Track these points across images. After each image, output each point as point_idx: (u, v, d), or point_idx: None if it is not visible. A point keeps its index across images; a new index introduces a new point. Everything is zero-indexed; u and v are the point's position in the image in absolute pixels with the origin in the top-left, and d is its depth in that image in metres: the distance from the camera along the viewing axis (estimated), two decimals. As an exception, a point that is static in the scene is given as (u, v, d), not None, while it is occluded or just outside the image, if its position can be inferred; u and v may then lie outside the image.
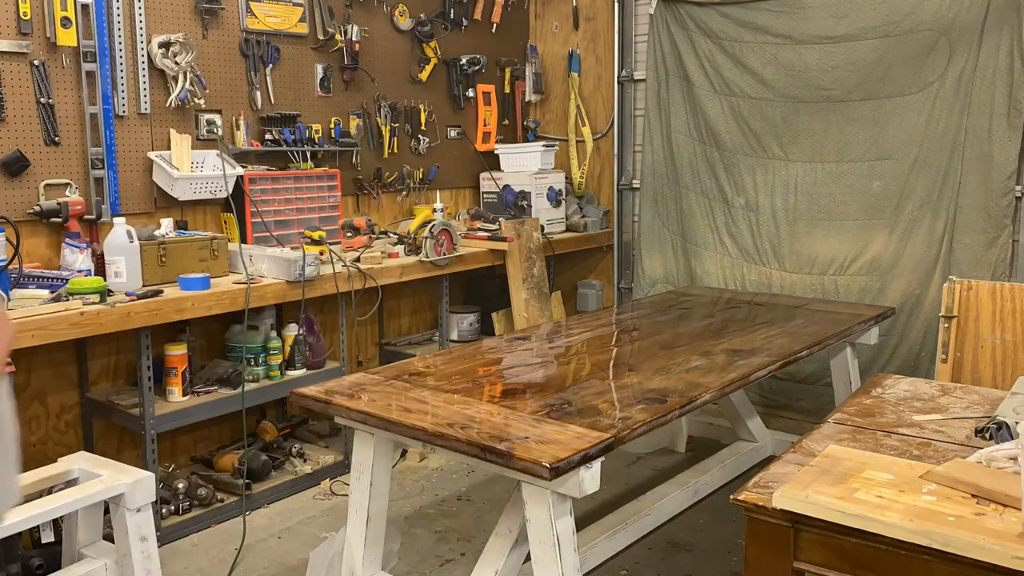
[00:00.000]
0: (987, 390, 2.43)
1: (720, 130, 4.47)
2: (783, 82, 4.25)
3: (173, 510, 3.31)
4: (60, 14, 3.15)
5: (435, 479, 3.80)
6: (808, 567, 1.65)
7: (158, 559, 2.52)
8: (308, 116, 4.06)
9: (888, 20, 3.97)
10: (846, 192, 4.16)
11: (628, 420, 2.18)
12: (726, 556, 3.10)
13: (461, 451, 2.09)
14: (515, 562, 2.33)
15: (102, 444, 3.43)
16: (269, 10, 3.85)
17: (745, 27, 4.32)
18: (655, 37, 4.62)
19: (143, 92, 3.44)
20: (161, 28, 3.49)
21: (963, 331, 3.01)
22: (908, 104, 3.98)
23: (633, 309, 3.90)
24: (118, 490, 2.41)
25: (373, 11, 4.34)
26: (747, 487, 1.76)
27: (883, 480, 1.67)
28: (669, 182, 4.67)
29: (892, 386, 2.46)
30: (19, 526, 2.35)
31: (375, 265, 3.74)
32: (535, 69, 5.20)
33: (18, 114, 3.11)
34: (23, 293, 2.86)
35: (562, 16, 5.15)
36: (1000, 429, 1.98)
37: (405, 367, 2.72)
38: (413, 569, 3.03)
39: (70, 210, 3.16)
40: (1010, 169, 3.76)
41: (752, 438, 3.86)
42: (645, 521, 3.06)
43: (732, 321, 3.47)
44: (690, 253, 4.65)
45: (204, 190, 3.53)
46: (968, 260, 3.88)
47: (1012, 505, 1.52)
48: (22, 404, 3.18)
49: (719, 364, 2.74)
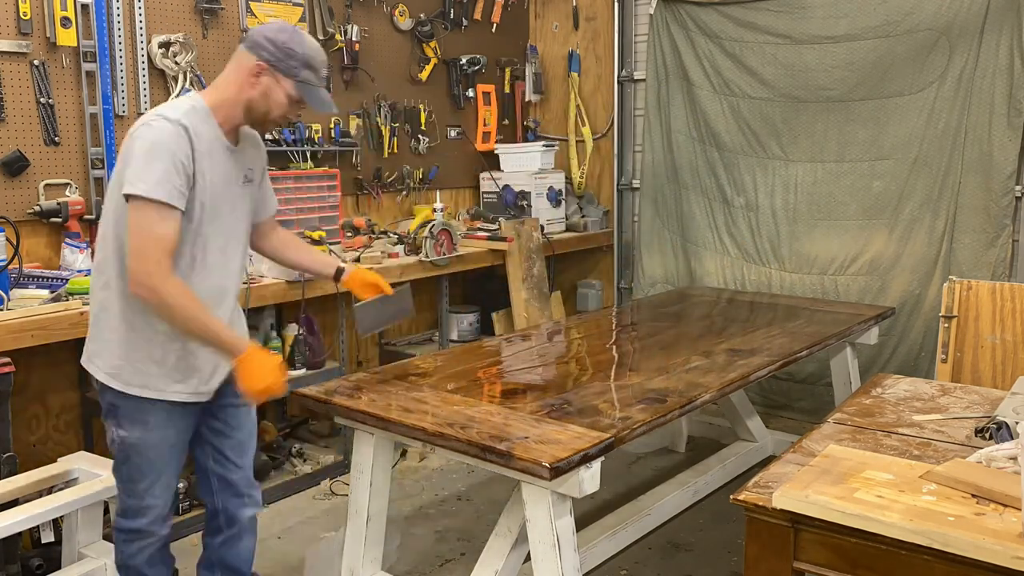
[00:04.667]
0: (987, 390, 2.43)
1: (720, 130, 4.47)
2: (783, 82, 4.25)
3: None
4: (60, 14, 3.15)
5: (435, 479, 3.80)
6: (808, 567, 1.65)
7: (158, 559, 2.51)
8: (308, 116, 4.05)
9: (888, 20, 3.97)
10: (846, 192, 4.16)
11: (628, 420, 2.18)
12: (726, 556, 3.10)
13: (461, 451, 2.09)
14: (515, 562, 2.33)
15: (102, 444, 3.42)
16: (269, 10, 3.85)
17: (745, 27, 4.32)
18: (655, 37, 4.62)
19: (143, 92, 3.44)
20: (161, 28, 3.49)
21: (963, 331, 3.01)
22: (908, 104, 3.98)
23: (633, 309, 3.90)
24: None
25: (373, 11, 4.34)
26: (747, 487, 1.76)
27: (883, 480, 1.67)
28: (669, 182, 4.67)
29: (892, 386, 2.46)
30: (19, 526, 2.35)
31: (375, 265, 3.74)
32: (535, 69, 5.20)
33: (18, 114, 3.11)
34: (23, 293, 2.86)
35: (562, 16, 5.15)
36: (1000, 429, 1.98)
37: (405, 367, 2.72)
38: (413, 569, 3.03)
39: (70, 210, 3.16)
40: (1010, 169, 3.76)
41: (752, 438, 3.86)
42: (645, 521, 3.07)
43: (732, 321, 3.47)
44: (690, 253, 4.65)
45: (204, 190, 3.53)
46: (968, 260, 3.88)
47: (1012, 505, 1.52)
48: (22, 404, 3.18)
49: (719, 364, 2.74)
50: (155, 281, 1.97)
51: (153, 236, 1.97)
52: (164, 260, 1.98)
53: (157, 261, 1.97)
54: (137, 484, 2.19)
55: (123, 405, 2.15)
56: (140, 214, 1.97)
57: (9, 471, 2.59)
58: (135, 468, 2.18)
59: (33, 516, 2.36)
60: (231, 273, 2.25)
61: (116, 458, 2.22)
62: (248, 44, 2.13)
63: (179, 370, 2.16)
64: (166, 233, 1.98)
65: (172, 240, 2.00)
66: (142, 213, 1.97)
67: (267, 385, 2.08)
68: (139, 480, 2.19)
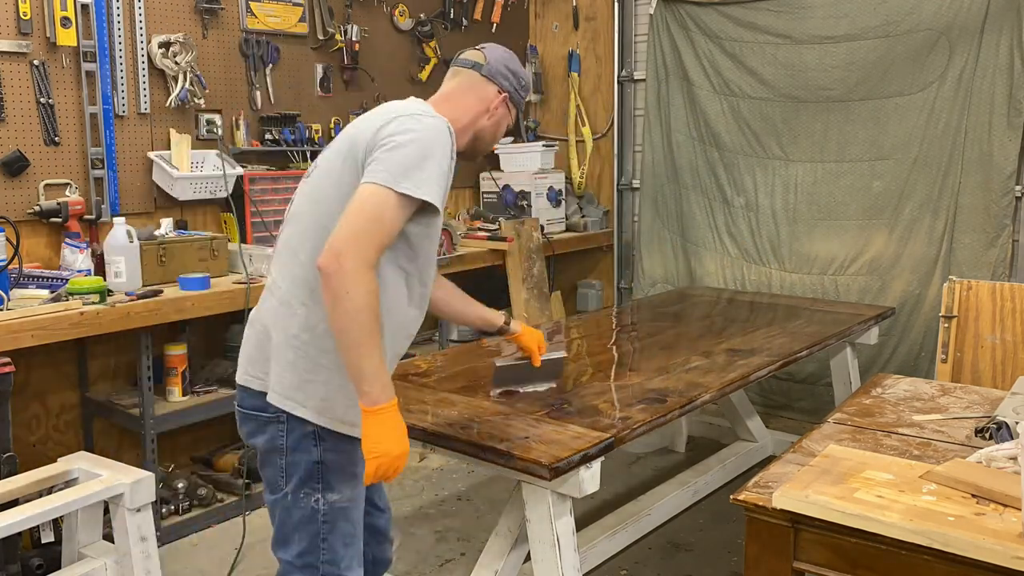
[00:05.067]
0: (987, 390, 2.43)
1: (720, 130, 4.47)
2: (783, 82, 4.25)
3: (173, 510, 3.31)
4: (60, 14, 3.15)
5: (435, 479, 3.80)
6: (808, 567, 1.65)
7: (158, 559, 2.52)
8: (308, 116, 4.05)
9: (888, 20, 3.97)
10: (846, 192, 4.16)
11: (628, 420, 2.18)
12: (726, 556, 3.10)
13: (461, 451, 2.09)
14: (515, 562, 2.33)
15: (102, 444, 3.43)
16: (269, 10, 3.85)
17: (745, 27, 4.32)
18: (655, 37, 4.62)
19: (143, 92, 3.44)
20: (161, 28, 3.49)
21: (963, 331, 3.01)
22: (908, 104, 3.98)
23: (633, 309, 3.90)
24: (118, 490, 2.41)
25: (373, 11, 4.34)
26: (747, 487, 1.76)
27: (883, 480, 1.67)
28: (669, 182, 4.67)
29: (892, 386, 2.46)
30: (19, 526, 2.34)
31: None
32: (535, 69, 5.19)
33: (18, 114, 3.11)
34: (23, 293, 2.86)
35: (562, 16, 5.15)
36: (1000, 429, 1.98)
37: (405, 367, 2.72)
38: (413, 569, 3.03)
39: (70, 210, 3.16)
40: (1010, 169, 3.76)
41: (752, 438, 3.86)
42: (645, 521, 3.07)
43: (732, 321, 3.47)
44: (690, 253, 4.65)
45: (204, 190, 3.53)
46: (968, 260, 3.88)
47: (1012, 505, 1.52)
48: (22, 404, 3.19)
49: (719, 364, 2.74)
50: (356, 264, 1.59)
51: (382, 221, 1.63)
52: (377, 251, 1.63)
53: (374, 247, 1.62)
54: (340, 560, 1.79)
55: (334, 457, 1.75)
56: (379, 199, 1.64)
57: (9, 471, 2.59)
58: (340, 538, 1.78)
59: (33, 516, 2.35)
60: (424, 312, 1.90)
61: (308, 531, 1.77)
62: (488, 72, 1.93)
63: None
64: (396, 228, 1.66)
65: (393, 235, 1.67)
66: (383, 199, 1.64)
67: (395, 453, 1.63)
68: (342, 555, 1.79)
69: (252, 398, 1.80)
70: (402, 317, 1.81)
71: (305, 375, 1.73)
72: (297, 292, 1.75)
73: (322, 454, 1.75)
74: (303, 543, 1.78)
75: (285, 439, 1.76)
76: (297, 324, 1.74)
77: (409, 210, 1.67)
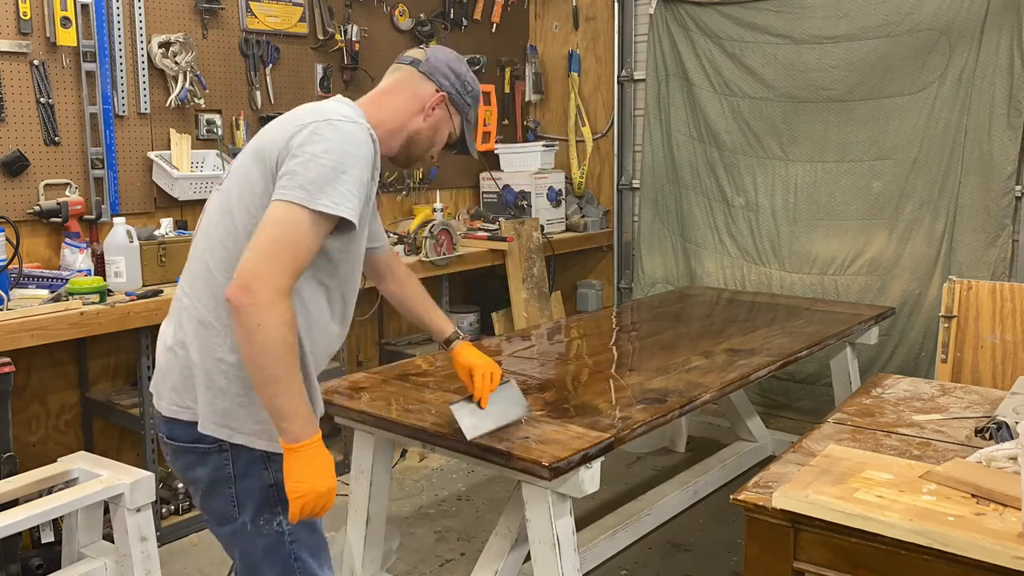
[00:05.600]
0: (987, 390, 2.43)
1: (720, 130, 4.47)
2: (783, 82, 4.25)
3: (173, 510, 3.31)
4: (60, 14, 3.15)
5: (435, 479, 3.80)
6: (808, 567, 1.65)
7: (158, 559, 2.52)
8: (308, 116, 4.05)
9: (888, 20, 3.97)
10: (846, 192, 4.16)
11: (628, 420, 2.18)
12: (726, 556, 3.10)
13: (461, 451, 2.09)
14: (515, 562, 2.33)
15: (102, 444, 3.43)
16: (269, 10, 3.85)
17: (745, 27, 4.32)
18: (655, 37, 4.62)
19: (143, 92, 3.44)
20: (161, 28, 3.49)
21: (963, 331, 3.01)
22: (908, 104, 3.98)
23: (633, 309, 3.89)
24: (118, 490, 2.41)
25: (373, 11, 4.34)
26: (747, 487, 1.76)
27: (883, 480, 1.67)
28: (669, 182, 4.67)
29: (892, 386, 2.46)
30: (19, 526, 2.34)
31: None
32: (535, 69, 5.19)
33: (18, 114, 3.11)
34: (23, 293, 2.86)
35: (562, 16, 5.15)
36: (1000, 429, 1.98)
37: (405, 367, 2.72)
38: (413, 569, 3.03)
39: (70, 210, 3.16)
40: (1010, 169, 3.76)
41: (752, 438, 3.86)
42: (645, 521, 3.07)
43: (732, 321, 3.47)
44: (690, 253, 4.65)
45: (204, 190, 3.53)
46: (968, 260, 3.88)
47: (1012, 505, 1.52)
48: (22, 404, 3.19)
49: (719, 364, 2.74)
50: (268, 294, 1.49)
51: (297, 244, 1.53)
52: (292, 277, 1.54)
53: (288, 273, 1.52)
54: (315, 571, 1.73)
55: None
56: (293, 219, 1.54)
57: (9, 471, 2.59)
58: (308, 550, 1.72)
59: (33, 516, 2.35)
60: (347, 329, 1.82)
61: (278, 556, 1.69)
62: (426, 68, 1.82)
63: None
64: (313, 249, 1.56)
65: (311, 258, 1.57)
66: (297, 219, 1.54)
67: (321, 490, 1.55)
68: (314, 565, 1.73)
69: (185, 430, 1.67)
70: (324, 334, 1.72)
71: (238, 399, 1.63)
72: (220, 313, 1.63)
73: (274, 475, 1.66)
74: (276, 569, 1.70)
75: (231, 466, 1.66)
76: (224, 347, 1.63)
77: (327, 228, 1.57)
